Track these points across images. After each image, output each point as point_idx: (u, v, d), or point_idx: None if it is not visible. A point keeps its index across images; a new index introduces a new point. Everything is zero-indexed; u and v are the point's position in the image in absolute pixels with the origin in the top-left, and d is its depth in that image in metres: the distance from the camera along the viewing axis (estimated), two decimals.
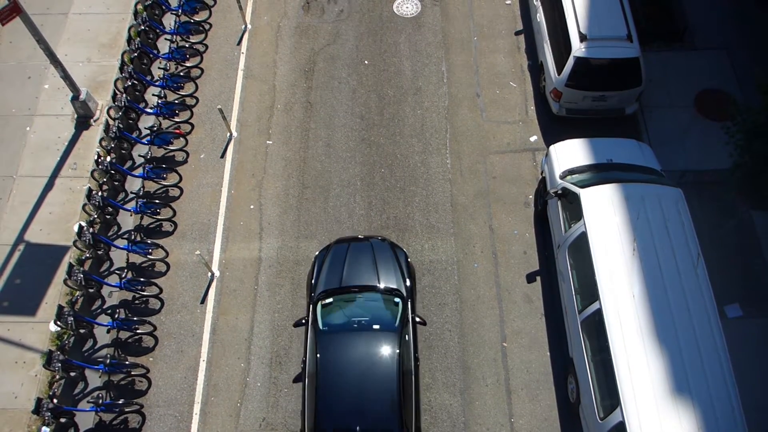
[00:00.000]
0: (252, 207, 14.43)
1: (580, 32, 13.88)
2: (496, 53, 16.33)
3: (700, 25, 16.15)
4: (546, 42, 14.90)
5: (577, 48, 13.81)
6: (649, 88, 14.85)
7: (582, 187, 11.89)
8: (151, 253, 13.45)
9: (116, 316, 12.51)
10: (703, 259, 10.99)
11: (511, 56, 16.27)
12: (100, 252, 13.35)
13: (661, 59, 15.57)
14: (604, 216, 11.42)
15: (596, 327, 10.82)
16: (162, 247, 13.50)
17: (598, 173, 12.51)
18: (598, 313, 10.73)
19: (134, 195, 13.94)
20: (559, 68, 14.22)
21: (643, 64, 13.86)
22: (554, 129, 14.97)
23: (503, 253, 13.63)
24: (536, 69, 15.78)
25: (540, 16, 15.35)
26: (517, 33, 16.62)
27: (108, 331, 12.82)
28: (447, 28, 16.79)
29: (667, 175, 12.91)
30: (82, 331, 12.41)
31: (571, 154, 13.11)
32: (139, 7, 16.17)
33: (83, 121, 15.30)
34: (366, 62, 16.27)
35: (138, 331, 12.74)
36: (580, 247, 11.52)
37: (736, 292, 12.59)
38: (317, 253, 12.89)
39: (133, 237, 13.33)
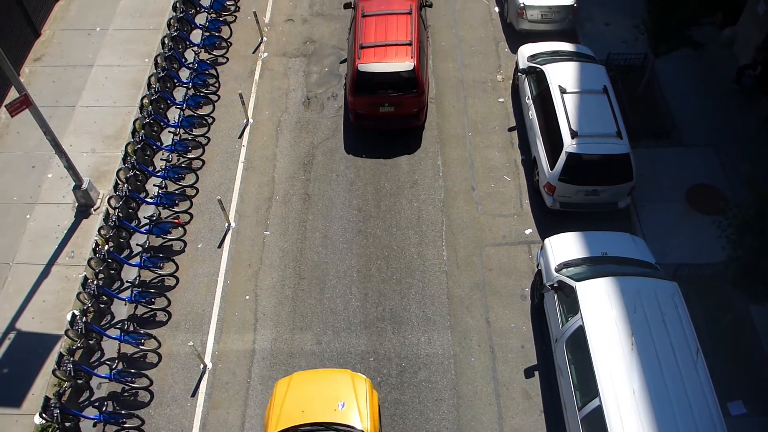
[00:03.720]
0: (247, 297, 14.36)
1: (571, 129, 14.34)
2: (491, 148, 16.78)
3: (687, 122, 16.72)
4: (538, 138, 15.37)
5: (569, 144, 14.23)
6: (640, 183, 15.18)
7: (578, 280, 11.91)
8: (143, 344, 13.25)
9: (104, 409, 12.17)
10: (703, 354, 10.87)
11: (504, 151, 16.71)
12: (91, 342, 13.15)
13: (651, 155, 16.01)
14: (601, 310, 11.39)
15: (597, 424, 10.53)
16: (155, 338, 13.33)
17: (594, 266, 12.57)
18: (599, 410, 10.48)
19: (130, 284, 13.90)
20: (552, 163, 14.59)
21: (633, 160, 14.24)
22: (549, 222, 15.17)
23: (501, 347, 13.46)
24: (529, 164, 16.18)
25: (532, 114, 15.90)
26: (510, 129, 17.15)
27: (94, 425, 12.42)
28: (442, 124, 17.33)
29: (662, 268, 12.97)
30: (67, 424, 12.02)
31: (566, 247, 13.22)
32: (146, 101, 16.73)
33: (84, 210, 15.47)
34: (363, 156, 16.67)
35: (125, 426, 12.34)
36: (578, 342, 11.40)
37: (738, 389, 12.35)
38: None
39: (125, 327, 13.19)
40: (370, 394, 11.72)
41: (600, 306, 11.43)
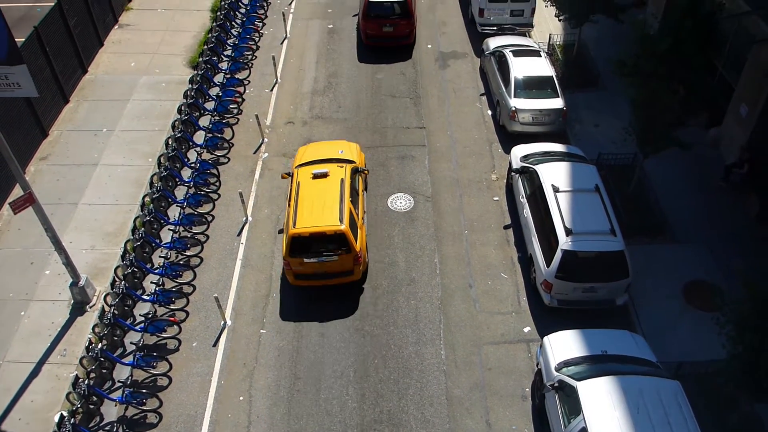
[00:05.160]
0: (241, 398, 14.02)
1: (565, 227, 14.56)
2: (487, 246, 16.95)
3: (679, 219, 17.00)
4: (534, 236, 15.56)
5: (564, 241, 14.40)
6: (637, 280, 15.23)
7: (579, 379, 11.71)
8: None
9: None
10: None
11: (501, 249, 16.86)
12: None
13: (646, 252, 16.15)
14: (604, 410, 11.13)
15: None
16: None
17: (594, 365, 12.39)
18: None
19: (121, 384, 13.59)
20: (548, 261, 14.70)
21: (628, 257, 14.37)
22: (547, 320, 15.08)
23: None
24: (526, 261, 16.28)
25: (526, 212, 16.18)
26: (506, 227, 17.39)
27: None
28: (439, 222, 17.58)
29: (663, 366, 12.78)
30: None
31: (565, 345, 13.08)
32: (147, 199, 17.03)
33: (79, 307, 15.37)
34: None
35: None
36: None
37: None
38: None
39: (114, 430, 12.77)
40: (358, 150, 18.16)
41: (603, 407, 11.17)
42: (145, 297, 15.29)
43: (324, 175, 15.96)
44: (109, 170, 18.92)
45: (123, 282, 14.89)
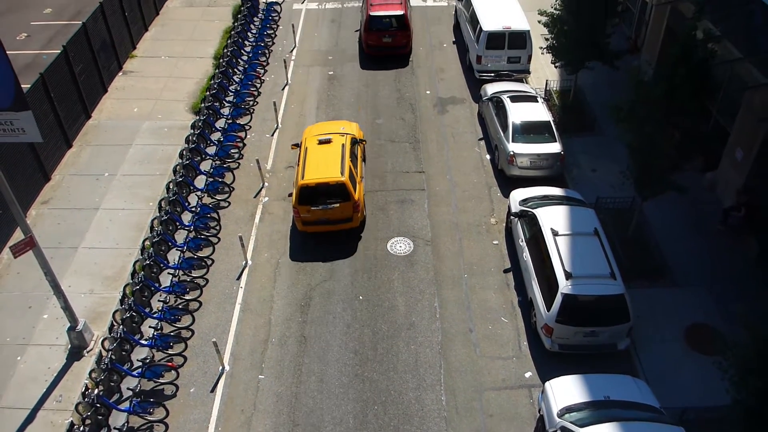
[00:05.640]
0: None
1: (565, 270, 14.55)
2: (487, 290, 16.90)
3: (679, 262, 17.01)
4: (534, 280, 15.54)
5: (564, 285, 14.37)
6: (638, 324, 15.15)
7: (581, 426, 11.56)
8: None
9: None
10: None
11: (501, 293, 16.82)
12: None
13: (646, 296, 16.11)
14: None
15: None
16: None
17: (597, 411, 12.24)
18: None
19: (118, 431, 13.37)
20: (549, 305, 14.65)
21: (629, 301, 14.32)
22: (548, 364, 14.94)
23: None
24: (526, 305, 16.22)
25: (526, 256, 16.19)
26: (506, 271, 17.38)
27: None
28: (438, 266, 17.58)
29: (666, 412, 12.62)
30: None
31: (567, 391, 12.94)
32: (147, 243, 17.06)
33: (76, 352, 15.25)
34: (361, 298, 16.74)
35: None
36: None
37: None
38: None
39: None
40: (357, 128, 20.59)
41: None
42: (143, 342, 15.18)
43: (328, 141, 18.67)
44: (110, 214, 19.01)
45: (121, 326, 14.80)
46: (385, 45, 25.80)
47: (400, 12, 25.57)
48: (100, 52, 23.82)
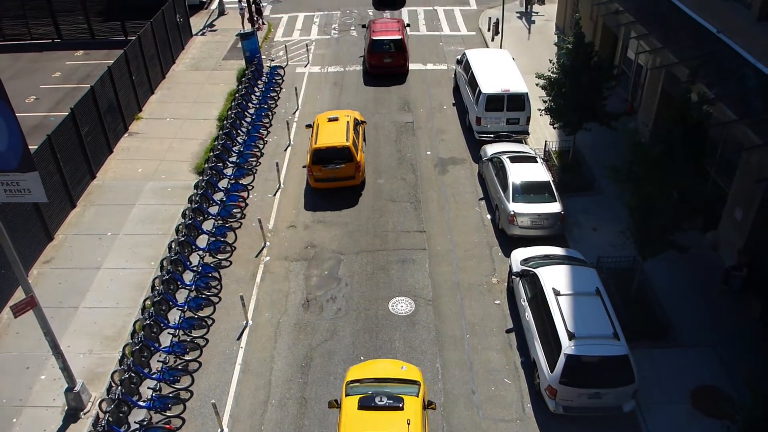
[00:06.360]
0: None
1: (568, 331, 14.45)
2: (489, 350, 16.74)
3: (682, 322, 16.90)
4: (536, 340, 15.41)
5: (567, 346, 14.24)
6: (643, 385, 14.92)
7: None
8: None
9: None
10: None
11: (503, 353, 16.64)
12: None
13: (651, 356, 15.93)
14: None
15: None
16: None
17: None
18: None
19: None
20: (552, 366, 14.48)
21: (633, 362, 14.16)
22: (553, 427, 14.66)
23: None
24: (529, 366, 16.03)
25: (528, 316, 16.11)
26: (508, 331, 17.24)
27: None
28: (440, 326, 17.45)
29: None
30: None
31: None
32: (148, 302, 17.01)
33: (73, 414, 15.00)
34: (362, 358, 16.56)
35: None
36: None
37: None
38: None
39: None
40: (359, 114, 25.36)
41: None
42: (141, 403, 14.94)
43: (335, 119, 23.24)
44: (112, 274, 19.03)
45: (119, 387, 14.61)
46: (385, 65, 29.85)
47: (398, 37, 29.77)
48: (107, 114, 24.34)
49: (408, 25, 32.77)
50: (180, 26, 33.05)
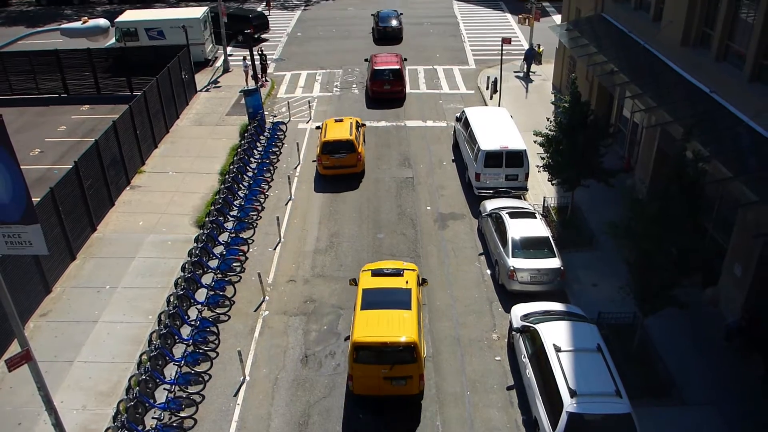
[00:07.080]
0: None
1: (569, 388, 14.25)
2: (490, 408, 16.46)
3: (685, 379, 16.67)
4: (537, 398, 15.18)
5: (569, 403, 14.02)
6: None
7: None
8: None
9: None
10: None
11: (504, 411, 16.37)
12: None
13: (653, 414, 15.63)
14: None
15: None
16: None
17: None
18: None
19: None
20: (554, 424, 14.22)
21: (636, 420, 13.91)
22: None
23: None
24: (531, 424, 15.73)
25: (529, 372, 15.91)
26: (509, 388, 17.00)
27: None
28: (440, 383, 17.21)
29: None
30: None
31: None
32: (144, 357, 16.81)
33: None
34: (360, 416, 16.26)
35: None
36: None
37: None
38: None
39: None
40: (359, 119, 30.31)
41: None
42: None
43: (341, 120, 28.25)
44: (109, 327, 18.88)
45: None
46: (385, 91, 34.39)
47: (396, 67, 34.45)
48: (110, 168, 24.61)
49: (405, 59, 37.21)
50: (185, 83, 33.77)
